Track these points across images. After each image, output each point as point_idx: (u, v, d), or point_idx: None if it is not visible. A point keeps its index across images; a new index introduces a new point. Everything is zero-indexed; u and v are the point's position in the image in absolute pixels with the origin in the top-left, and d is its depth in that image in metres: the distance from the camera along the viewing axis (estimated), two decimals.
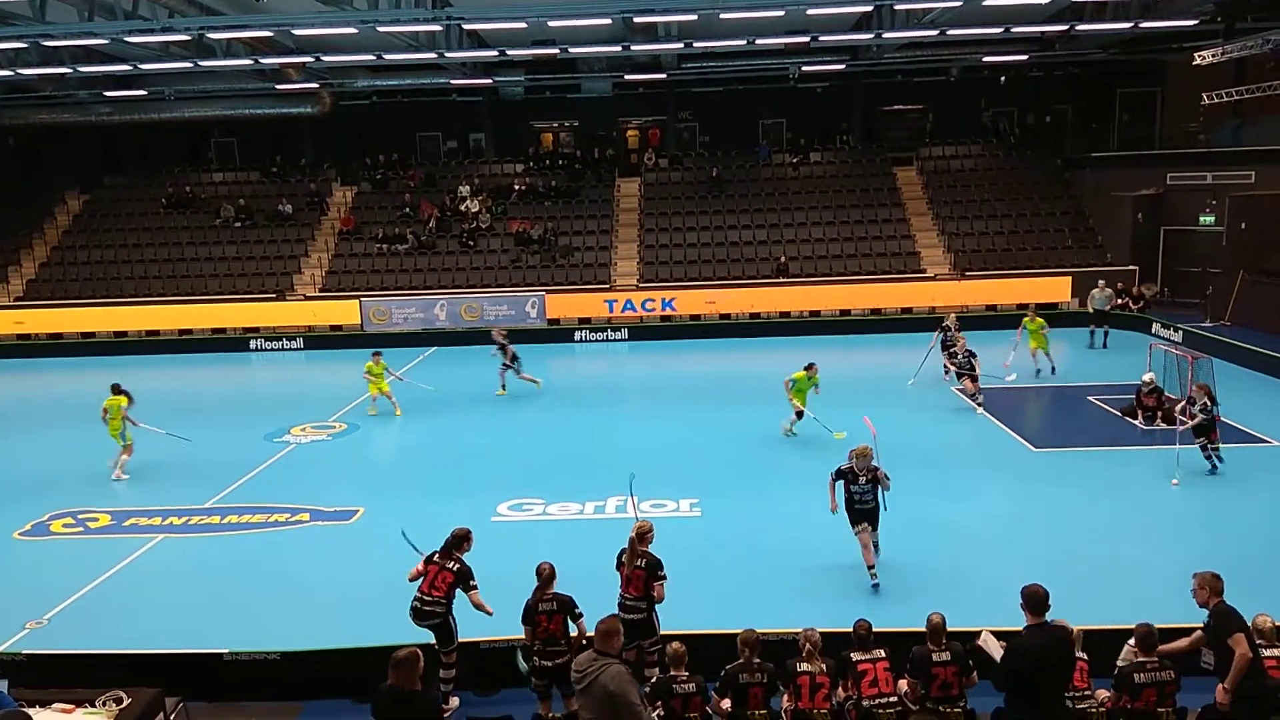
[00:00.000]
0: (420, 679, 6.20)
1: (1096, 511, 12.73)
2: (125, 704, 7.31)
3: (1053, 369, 20.73)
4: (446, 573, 8.35)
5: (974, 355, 18.19)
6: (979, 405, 17.88)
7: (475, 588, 8.36)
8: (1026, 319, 20.87)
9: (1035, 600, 6.45)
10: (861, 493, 10.41)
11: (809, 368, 16.56)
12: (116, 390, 15.84)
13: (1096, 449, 15.75)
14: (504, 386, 20.76)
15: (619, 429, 18.14)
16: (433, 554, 8.56)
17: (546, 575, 7.93)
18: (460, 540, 8.51)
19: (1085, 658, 7.43)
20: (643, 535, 8.41)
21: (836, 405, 17.42)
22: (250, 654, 8.78)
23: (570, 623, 7.83)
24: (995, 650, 6.88)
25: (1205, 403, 13.78)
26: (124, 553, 12.36)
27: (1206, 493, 13.80)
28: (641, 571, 8.24)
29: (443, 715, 6.17)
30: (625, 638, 7.98)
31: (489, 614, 8.29)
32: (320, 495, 14.24)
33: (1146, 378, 16.97)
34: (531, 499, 13.75)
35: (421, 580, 8.43)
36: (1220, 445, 14.13)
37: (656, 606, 8.33)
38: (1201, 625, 7.24)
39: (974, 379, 17.99)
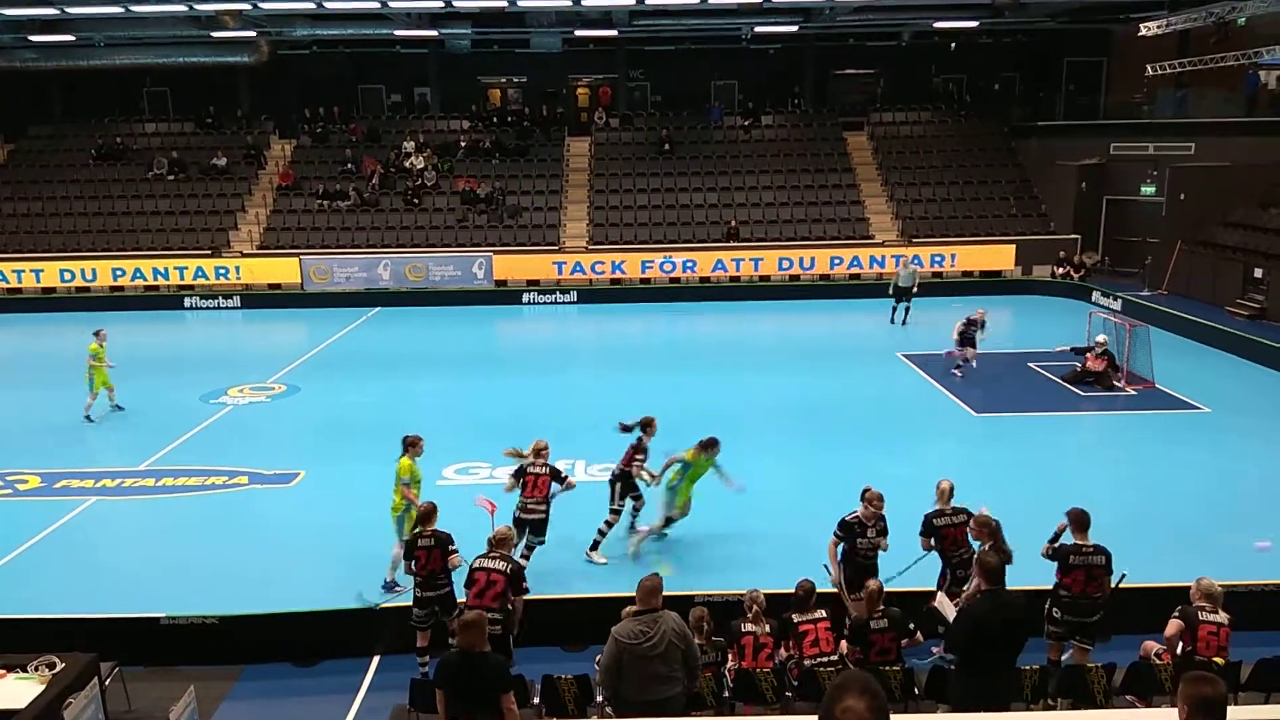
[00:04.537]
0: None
1: (1032, 474, 13.02)
2: (59, 669, 7.12)
3: None
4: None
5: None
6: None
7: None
8: None
9: (989, 570, 6.56)
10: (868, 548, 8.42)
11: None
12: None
13: (1035, 414, 16.11)
14: None
15: (567, 393, 18.04)
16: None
17: (425, 513, 8.30)
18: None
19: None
20: (539, 451, 9.81)
21: (787, 371, 17.57)
22: (188, 618, 8.63)
23: (444, 558, 8.15)
24: (949, 612, 7.04)
25: None
26: (55, 515, 12.02)
27: (1141, 457, 14.21)
28: (546, 476, 9.62)
29: (510, 674, 6.11)
30: (528, 533, 9.30)
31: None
32: (260, 457, 13.97)
33: (1100, 339, 17.35)
34: (478, 463, 13.62)
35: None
36: None
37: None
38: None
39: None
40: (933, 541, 8.37)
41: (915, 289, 23.04)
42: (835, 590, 8.25)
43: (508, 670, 6.08)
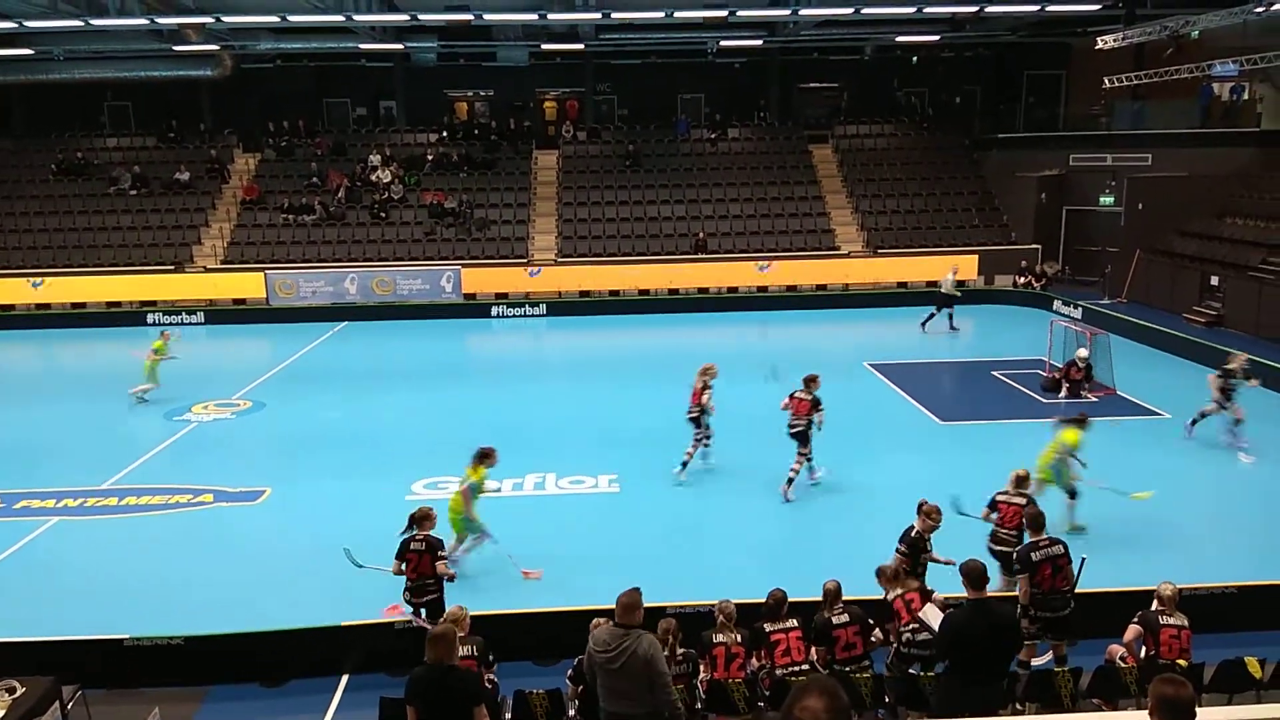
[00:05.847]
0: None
1: (1001, 480, 13.13)
2: (19, 693, 6.99)
3: None
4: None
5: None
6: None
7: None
8: None
9: (973, 575, 6.55)
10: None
11: None
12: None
13: (1000, 421, 16.30)
14: None
15: (537, 406, 17.97)
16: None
17: (420, 517, 8.60)
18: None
19: None
20: (707, 369, 12.92)
21: (757, 381, 17.62)
22: (152, 639, 8.49)
23: (434, 563, 8.42)
24: (934, 620, 7.07)
25: None
26: (15, 536, 11.80)
27: (1102, 462, 14.38)
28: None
29: (481, 687, 6.06)
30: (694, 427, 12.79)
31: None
32: (224, 475, 13.80)
33: (1082, 353, 17.62)
34: (448, 477, 13.49)
35: None
36: None
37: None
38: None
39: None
40: (994, 515, 9.47)
41: (958, 294, 23.54)
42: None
43: (478, 683, 6.03)
